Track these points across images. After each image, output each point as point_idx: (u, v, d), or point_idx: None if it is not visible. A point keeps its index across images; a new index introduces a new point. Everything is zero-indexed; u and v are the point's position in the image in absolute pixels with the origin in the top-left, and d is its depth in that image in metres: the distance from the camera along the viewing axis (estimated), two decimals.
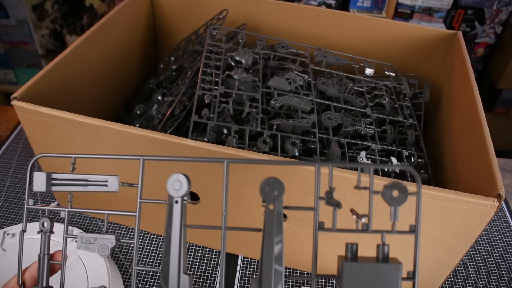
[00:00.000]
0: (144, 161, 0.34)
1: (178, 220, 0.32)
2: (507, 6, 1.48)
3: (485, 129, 0.47)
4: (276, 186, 0.31)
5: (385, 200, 0.31)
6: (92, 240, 0.35)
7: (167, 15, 0.78)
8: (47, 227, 0.35)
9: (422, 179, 0.56)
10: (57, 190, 0.35)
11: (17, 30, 1.68)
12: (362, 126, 0.57)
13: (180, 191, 0.32)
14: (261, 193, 0.31)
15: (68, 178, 0.35)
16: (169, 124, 0.57)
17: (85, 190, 0.35)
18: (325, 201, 0.33)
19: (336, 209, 0.32)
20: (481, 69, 1.68)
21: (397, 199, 0.31)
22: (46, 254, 0.35)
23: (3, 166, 0.70)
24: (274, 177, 0.31)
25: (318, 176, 0.32)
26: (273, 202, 0.31)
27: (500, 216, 0.68)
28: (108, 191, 0.35)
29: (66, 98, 0.56)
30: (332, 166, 0.32)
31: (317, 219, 0.32)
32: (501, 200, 0.40)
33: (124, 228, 0.61)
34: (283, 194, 0.31)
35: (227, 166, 0.33)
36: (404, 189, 0.30)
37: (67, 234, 0.36)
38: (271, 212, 0.31)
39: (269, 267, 0.30)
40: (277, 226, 0.31)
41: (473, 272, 0.59)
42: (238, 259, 0.59)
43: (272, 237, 0.31)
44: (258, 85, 0.57)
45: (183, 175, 0.32)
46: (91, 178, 0.35)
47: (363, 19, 0.69)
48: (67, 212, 0.36)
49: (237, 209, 0.49)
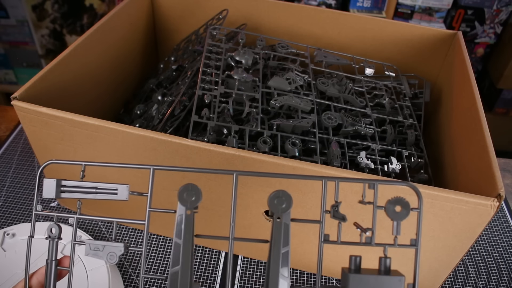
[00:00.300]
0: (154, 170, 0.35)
1: (189, 231, 0.32)
2: (507, 6, 1.48)
3: (485, 129, 0.47)
4: (284, 199, 0.32)
5: (388, 215, 0.32)
6: (100, 247, 0.35)
7: (167, 15, 0.78)
8: (55, 233, 0.35)
9: (422, 179, 0.56)
10: (67, 197, 0.35)
11: (17, 30, 1.68)
12: (362, 126, 0.57)
13: (192, 203, 0.32)
14: (270, 205, 0.32)
15: (77, 185, 0.35)
16: (169, 124, 0.57)
17: (94, 198, 0.35)
18: (331, 215, 0.34)
19: (341, 222, 0.34)
20: (481, 69, 1.68)
21: (399, 214, 0.32)
22: (54, 260, 0.35)
23: (3, 166, 0.70)
24: (283, 190, 0.32)
25: (325, 191, 0.33)
26: (281, 214, 0.32)
27: (500, 216, 0.68)
28: (118, 199, 0.35)
29: (66, 98, 0.56)
30: (339, 181, 0.34)
31: (322, 232, 0.34)
32: (501, 200, 0.40)
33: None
34: (291, 207, 0.32)
35: (236, 179, 0.33)
36: (406, 204, 0.32)
37: (75, 240, 0.36)
38: (279, 224, 0.32)
39: (276, 278, 0.31)
40: (284, 238, 0.32)
41: (473, 272, 0.59)
42: (238, 259, 0.59)
43: (279, 249, 0.32)
44: (258, 85, 0.57)
45: (196, 186, 0.33)
46: (101, 186, 0.35)
47: (363, 19, 0.69)
48: (75, 219, 0.36)
49: (237, 209, 0.49)
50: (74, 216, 0.36)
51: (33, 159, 0.71)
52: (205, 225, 0.54)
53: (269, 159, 0.43)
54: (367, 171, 0.53)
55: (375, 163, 0.54)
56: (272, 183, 0.46)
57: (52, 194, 0.35)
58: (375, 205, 0.33)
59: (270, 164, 0.43)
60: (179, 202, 0.32)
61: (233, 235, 0.33)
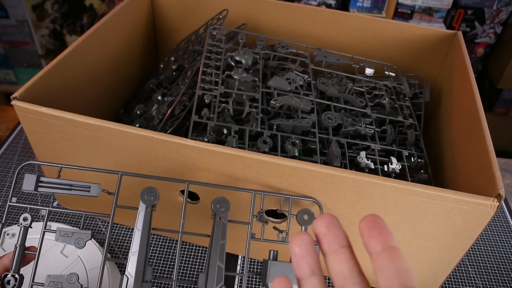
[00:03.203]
0: (122, 176, 0.44)
1: (146, 223, 0.41)
2: (507, 6, 1.48)
3: (485, 129, 0.47)
4: (223, 203, 0.43)
5: (298, 221, 0.44)
6: (69, 234, 0.41)
7: (167, 15, 0.78)
8: (28, 221, 0.41)
9: (422, 179, 0.56)
10: (44, 191, 0.41)
11: (17, 30, 1.68)
12: (362, 126, 0.57)
13: (150, 201, 0.42)
14: (213, 208, 0.43)
15: (55, 182, 0.42)
16: (169, 124, 0.57)
17: (68, 194, 0.41)
18: (257, 219, 0.46)
19: (264, 225, 0.46)
20: (481, 69, 1.68)
21: (306, 221, 0.44)
22: (22, 245, 0.40)
23: (3, 166, 0.70)
24: (223, 197, 0.44)
25: (253, 201, 0.45)
26: (220, 215, 0.43)
27: (500, 216, 0.68)
28: (90, 196, 0.41)
29: (66, 98, 0.56)
30: (264, 194, 0.45)
31: (250, 231, 0.44)
32: (501, 200, 0.40)
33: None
34: (229, 210, 0.43)
35: (187, 187, 0.42)
36: (312, 214, 0.44)
37: (45, 229, 0.41)
38: (219, 223, 0.43)
39: (214, 264, 0.41)
40: (222, 233, 0.42)
41: (473, 272, 0.59)
42: (238, 259, 0.59)
43: (218, 241, 0.42)
44: (258, 85, 0.57)
45: (154, 189, 0.42)
46: (76, 184, 0.42)
47: (363, 19, 0.69)
48: (47, 211, 0.42)
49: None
50: (46, 208, 0.42)
51: (33, 159, 0.71)
52: (205, 224, 0.54)
53: (269, 159, 0.43)
54: (367, 171, 0.53)
55: (375, 163, 0.54)
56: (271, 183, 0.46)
57: (31, 187, 0.41)
58: (289, 214, 0.45)
59: (270, 164, 0.43)
60: (140, 200, 0.42)
61: (182, 230, 0.43)
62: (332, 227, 0.25)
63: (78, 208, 0.63)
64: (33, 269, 0.40)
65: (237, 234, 0.54)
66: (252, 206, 0.44)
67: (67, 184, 0.41)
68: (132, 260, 0.40)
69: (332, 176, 0.43)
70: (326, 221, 0.25)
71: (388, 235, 0.23)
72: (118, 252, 0.58)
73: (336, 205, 0.46)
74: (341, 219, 0.47)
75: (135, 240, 0.40)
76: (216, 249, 0.41)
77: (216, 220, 0.43)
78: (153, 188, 0.42)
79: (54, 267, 0.53)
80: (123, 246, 0.59)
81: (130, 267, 0.39)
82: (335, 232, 0.25)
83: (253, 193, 0.45)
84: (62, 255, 0.54)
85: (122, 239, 0.60)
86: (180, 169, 0.47)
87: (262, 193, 0.45)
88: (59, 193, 0.41)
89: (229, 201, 0.43)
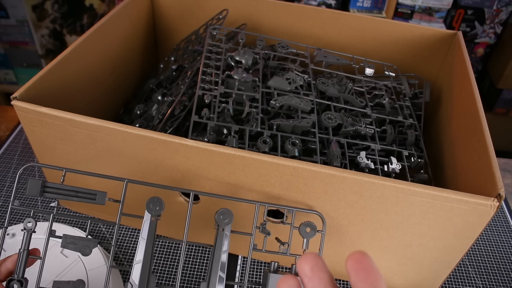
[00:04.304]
0: (127, 183, 0.43)
1: (151, 232, 0.42)
2: (507, 6, 1.48)
3: (485, 129, 0.47)
4: (227, 215, 0.43)
5: (300, 234, 0.44)
6: (76, 241, 0.41)
7: (167, 15, 0.78)
8: (31, 226, 0.40)
9: (422, 179, 0.56)
10: (49, 197, 0.41)
11: (17, 30, 1.68)
12: (362, 126, 0.57)
13: (156, 211, 0.42)
14: (216, 219, 0.43)
15: (60, 187, 0.41)
16: (169, 124, 0.57)
17: (73, 200, 0.41)
18: (259, 230, 0.45)
19: (267, 236, 0.45)
20: (481, 69, 1.68)
21: (308, 233, 0.44)
22: (26, 250, 0.39)
23: (3, 166, 0.70)
24: (227, 208, 0.43)
25: (257, 212, 0.45)
26: (224, 226, 0.43)
27: (500, 216, 0.68)
28: (96, 204, 0.41)
29: (66, 98, 0.56)
30: (267, 206, 0.45)
31: (252, 242, 0.44)
32: (501, 200, 0.40)
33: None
34: (232, 222, 0.43)
35: (192, 197, 0.41)
36: (314, 227, 0.44)
37: (49, 234, 0.41)
38: (222, 234, 0.43)
39: (216, 274, 0.42)
40: (224, 244, 0.43)
41: (473, 272, 0.59)
42: (238, 259, 0.59)
43: (220, 251, 0.42)
44: (258, 85, 0.57)
45: (160, 199, 0.43)
46: (81, 190, 0.41)
47: (363, 19, 0.69)
48: (51, 216, 0.41)
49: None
50: (51, 213, 0.41)
51: (33, 159, 0.71)
52: (204, 224, 0.54)
53: (269, 159, 0.43)
54: (367, 171, 0.53)
55: (375, 163, 0.54)
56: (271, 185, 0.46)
57: (36, 193, 0.40)
58: (292, 226, 0.45)
59: (270, 164, 0.43)
60: (146, 210, 0.42)
61: (186, 239, 0.43)
62: (317, 270, 0.24)
63: (79, 208, 0.63)
64: (38, 274, 0.40)
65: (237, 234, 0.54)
66: (255, 218, 0.45)
67: (73, 190, 0.41)
68: (137, 268, 0.40)
69: (332, 176, 0.43)
70: (310, 262, 0.24)
71: (375, 277, 0.23)
72: (119, 252, 0.58)
73: (336, 205, 0.46)
74: (341, 219, 0.47)
75: (139, 248, 0.41)
76: (217, 259, 0.42)
77: (219, 231, 0.43)
78: (158, 198, 0.42)
79: (54, 267, 0.53)
80: (123, 246, 0.59)
81: (135, 275, 0.40)
82: (320, 275, 0.24)
83: (257, 204, 0.45)
84: (62, 255, 0.54)
85: (123, 239, 0.60)
86: (180, 169, 0.47)
87: (266, 205, 0.45)
88: (64, 199, 0.41)
89: (232, 213, 0.43)
